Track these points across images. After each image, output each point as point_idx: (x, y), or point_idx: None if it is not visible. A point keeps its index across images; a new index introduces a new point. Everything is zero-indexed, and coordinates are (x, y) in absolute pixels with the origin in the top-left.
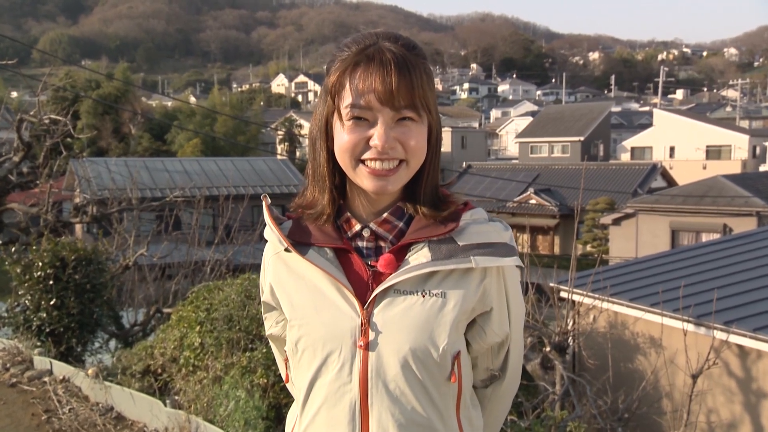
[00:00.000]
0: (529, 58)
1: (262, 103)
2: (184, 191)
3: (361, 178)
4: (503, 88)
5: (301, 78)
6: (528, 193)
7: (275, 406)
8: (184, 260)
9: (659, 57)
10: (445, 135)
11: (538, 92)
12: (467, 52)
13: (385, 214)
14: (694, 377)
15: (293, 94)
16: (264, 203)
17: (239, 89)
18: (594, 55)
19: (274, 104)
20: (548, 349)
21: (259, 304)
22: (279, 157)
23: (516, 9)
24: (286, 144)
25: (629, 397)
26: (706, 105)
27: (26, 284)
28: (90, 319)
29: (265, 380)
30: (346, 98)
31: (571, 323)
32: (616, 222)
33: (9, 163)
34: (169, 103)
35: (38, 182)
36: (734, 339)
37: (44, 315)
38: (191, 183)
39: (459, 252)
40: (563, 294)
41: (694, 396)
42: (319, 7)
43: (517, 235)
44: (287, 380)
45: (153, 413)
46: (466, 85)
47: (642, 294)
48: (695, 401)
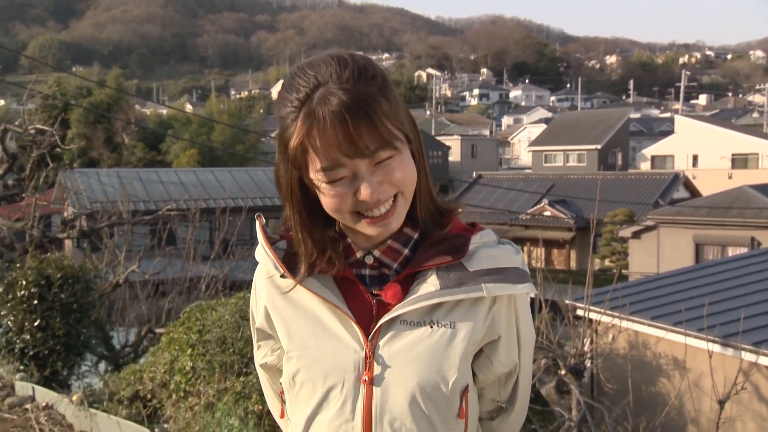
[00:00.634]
0: (543, 62)
1: (261, 110)
2: (179, 204)
3: (363, 228)
4: (515, 93)
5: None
6: (542, 204)
7: None
8: (178, 276)
9: (681, 60)
10: (454, 143)
11: (553, 98)
12: (477, 57)
13: (389, 241)
14: (722, 402)
15: None
16: (257, 223)
17: (238, 96)
18: (611, 59)
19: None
20: (564, 372)
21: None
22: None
23: (528, 11)
24: None
25: (651, 423)
26: (731, 111)
27: (9, 304)
28: (77, 341)
29: (261, 407)
30: (313, 164)
31: (588, 344)
32: (636, 235)
33: None
34: (164, 111)
35: (24, 195)
36: (764, 361)
37: (28, 337)
38: (187, 195)
39: (469, 279)
40: (579, 312)
41: (722, 423)
42: (322, 10)
43: (531, 248)
44: (282, 415)
45: None
46: (476, 91)
47: (664, 312)
48: (723, 428)
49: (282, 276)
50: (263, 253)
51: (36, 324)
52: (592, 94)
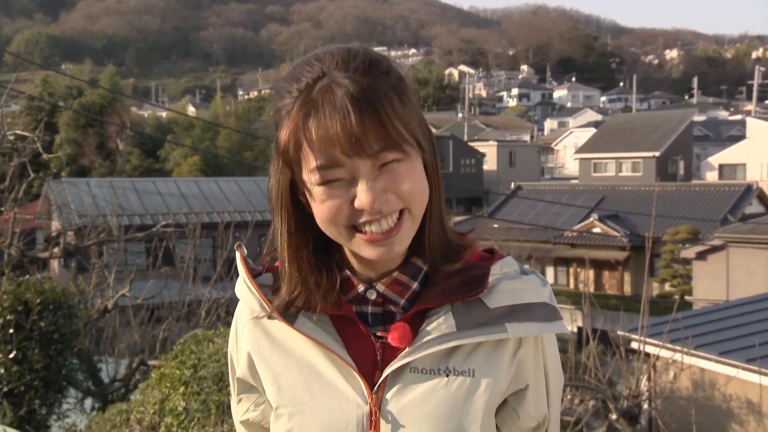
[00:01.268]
0: (592, 57)
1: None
2: (179, 217)
3: (359, 248)
4: (560, 93)
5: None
6: (590, 220)
7: None
8: (175, 301)
9: (753, 54)
10: (489, 150)
11: (603, 98)
12: (516, 52)
13: (396, 273)
14: None
15: None
16: (238, 254)
17: (246, 97)
18: (672, 53)
19: None
20: (615, 416)
21: None
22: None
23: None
24: None
25: None
26: None
27: None
28: (57, 375)
29: None
30: (306, 162)
31: (644, 383)
32: (701, 256)
33: None
34: (164, 114)
35: (2, 209)
36: None
37: (1, 371)
38: (187, 208)
39: (489, 318)
40: (634, 345)
41: None
42: (340, 0)
43: (578, 270)
44: None
45: None
46: (515, 91)
47: (735, 347)
48: None
49: (269, 317)
50: (245, 289)
51: (11, 356)
52: (650, 93)
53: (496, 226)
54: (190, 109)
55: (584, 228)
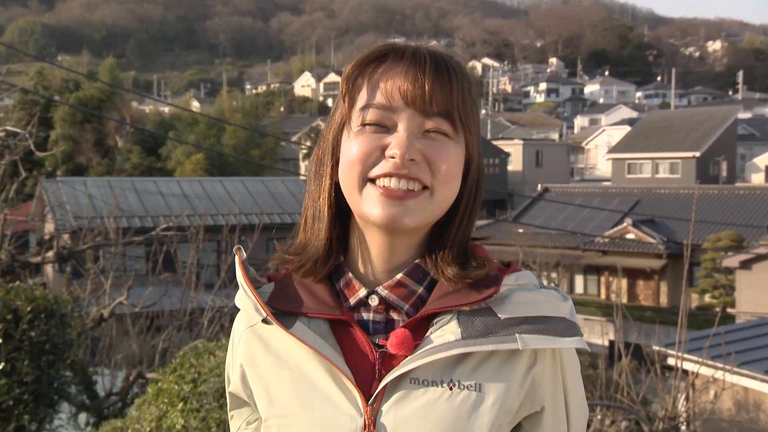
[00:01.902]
0: (627, 49)
1: (282, 108)
2: (181, 220)
3: (368, 204)
4: (592, 88)
5: (332, 77)
6: (624, 225)
7: None
8: (176, 309)
9: None
10: (514, 149)
11: (639, 93)
12: (545, 43)
13: (399, 275)
14: None
15: (322, 98)
16: (237, 257)
17: (254, 91)
18: (714, 45)
19: (297, 110)
20: None
21: None
22: (302, 177)
23: None
24: None
25: None
26: None
27: None
28: (48, 389)
29: None
30: (361, 99)
31: (682, 402)
32: (746, 265)
33: None
34: (166, 109)
35: None
36: None
37: None
38: (190, 209)
39: (499, 327)
40: (671, 361)
41: None
42: None
43: (610, 279)
44: None
45: None
46: (543, 85)
47: None
48: None
49: (265, 321)
50: (243, 295)
51: (0, 368)
52: (690, 88)
53: (521, 231)
54: (194, 104)
55: (617, 234)
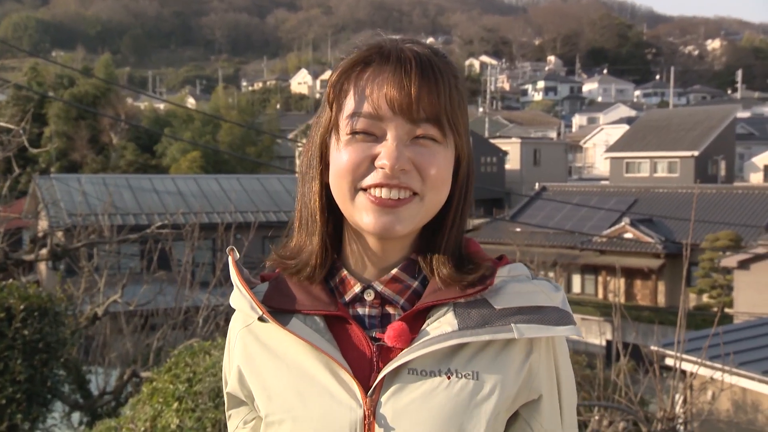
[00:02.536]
0: (626, 47)
1: (278, 105)
2: (176, 217)
3: (360, 213)
4: (590, 86)
5: (329, 74)
6: (622, 224)
7: None
8: (171, 307)
9: None
10: (512, 147)
11: (637, 92)
12: (543, 41)
13: (395, 270)
14: None
15: (318, 95)
16: (230, 258)
17: (250, 88)
18: (714, 44)
19: (293, 107)
20: None
21: None
22: (298, 175)
23: None
24: None
25: None
26: None
27: None
28: (42, 388)
29: None
30: (348, 107)
31: (680, 403)
32: (744, 265)
33: None
34: (162, 106)
35: None
36: None
37: None
38: (185, 207)
39: (495, 318)
40: (669, 361)
41: None
42: None
43: (607, 279)
44: None
45: None
46: (540, 83)
47: None
48: None
49: (260, 319)
50: (238, 295)
51: None
52: (689, 87)
53: (518, 230)
54: (190, 101)
55: (615, 233)
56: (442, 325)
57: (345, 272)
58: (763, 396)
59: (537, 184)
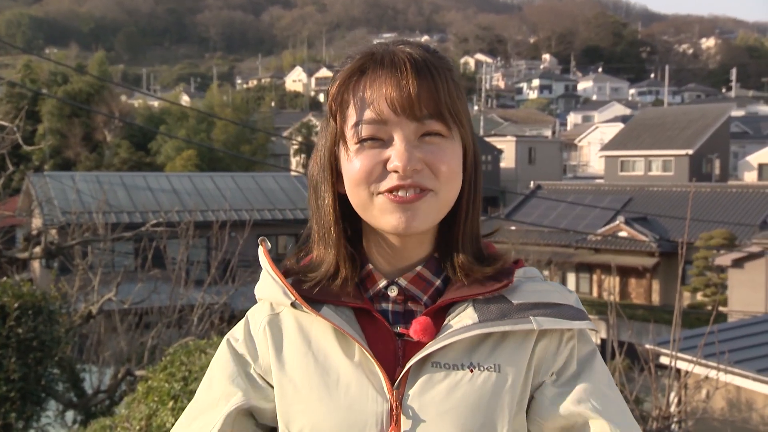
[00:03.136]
0: (620, 46)
1: (273, 103)
2: (170, 216)
3: (382, 215)
4: (585, 85)
5: (324, 72)
6: (617, 223)
7: None
8: (166, 305)
9: None
10: (507, 146)
11: (632, 91)
12: (538, 39)
13: (419, 268)
14: None
15: (313, 93)
16: (262, 247)
17: (245, 86)
18: (708, 42)
19: (288, 105)
20: None
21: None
22: (293, 173)
23: None
24: (303, 156)
25: None
26: None
27: None
28: (36, 386)
29: None
30: (351, 116)
31: (675, 401)
32: (738, 263)
33: None
34: (156, 103)
35: None
36: None
37: None
38: (180, 205)
39: (514, 311)
40: (664, 360)
41: None
42: None
43: (602, 277)
44: None
45: None
46: (535, 82)
47: None
48: None
49: (293, 305)
50: (269, 281)
51: None
52: (683, 86)
53: (513, 228)
54: (184, 99)
55: (609, 231)
56: (463, 319)
57: (371, 266)
58: (758, 394)
59: (532, 183)
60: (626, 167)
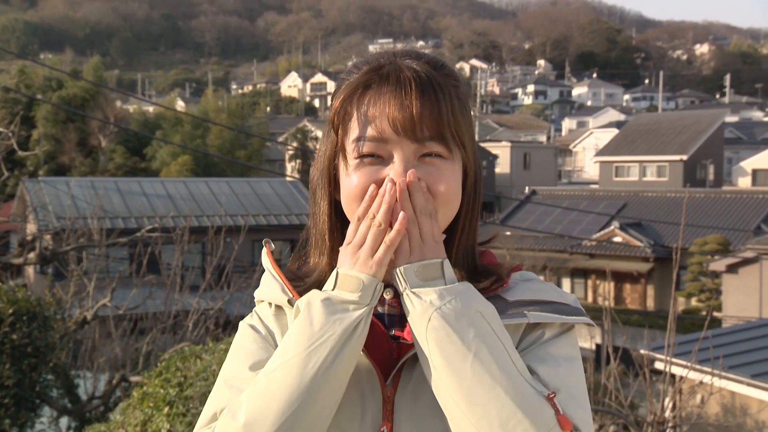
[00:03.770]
0: (615, 52)
1: (268, 108)
2: (165, 221)
3: None
4: (579, 90)
5: (319, 77)
6: (611, 228)
7: None
8: (161, 311)
9: None
10: (502, 151)
11: (626, 96)
12: (533, 45)
13: None
14: None
15: (308, 98)
16: (266, 249)
17: (240, 91)
18: (702, 48)
19: (283, 110)
20: None
21: None
22: (288, 178)
23: None
24: (298, 162)
25: None
26: None
27: None
28: (30, 392)
29: None
30: (353, 131)
31: (670, 406)
32: (732, 269)
33: None
34: (151, 109)
35: None
36: None
37: None
38: (175, 211)
39: (508, 307)
40: (659, 365)
41: None
42: None
43: (597, 282)
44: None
45: None
46: (530, 87)
47: None
48: None
49: (290, 302)
50: (270, 280)
51: None
52: (677, 91)
53: (508, 233)
54: (179, 104)
55: (604, 237)
56: None
57: None
58: (752, 399)
59: (527, 188)
60: (621, 173)
